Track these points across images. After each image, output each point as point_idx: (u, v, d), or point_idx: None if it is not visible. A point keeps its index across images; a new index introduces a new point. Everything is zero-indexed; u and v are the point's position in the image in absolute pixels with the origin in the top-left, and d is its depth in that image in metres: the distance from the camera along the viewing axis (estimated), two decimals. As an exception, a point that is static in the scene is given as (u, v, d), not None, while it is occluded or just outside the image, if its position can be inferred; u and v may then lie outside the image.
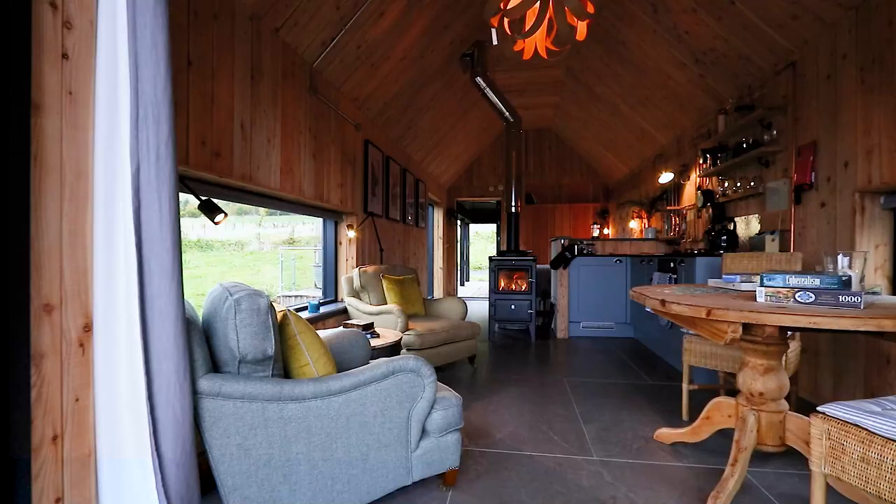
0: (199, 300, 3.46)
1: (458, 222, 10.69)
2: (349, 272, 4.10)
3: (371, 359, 2.43)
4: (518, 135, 5.35)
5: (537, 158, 8.94)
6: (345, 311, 3.80)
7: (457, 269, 9.66)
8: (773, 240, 3.09)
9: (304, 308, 3.47)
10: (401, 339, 2.92)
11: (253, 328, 1.36)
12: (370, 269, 3.79)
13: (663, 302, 1.69)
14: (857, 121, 2.51)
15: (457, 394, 1.74)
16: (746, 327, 1.49)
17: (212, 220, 1.98)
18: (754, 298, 1.72)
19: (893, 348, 2.25)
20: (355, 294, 3.79)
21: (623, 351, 4.33)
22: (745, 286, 2.05)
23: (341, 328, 2.82)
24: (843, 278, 1.48)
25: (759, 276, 2.01)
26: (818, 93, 2.83)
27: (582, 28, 2.81)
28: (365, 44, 3.52)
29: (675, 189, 5.28)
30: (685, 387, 2.53)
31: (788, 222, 3.07)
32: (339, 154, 3.82)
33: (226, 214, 2.02)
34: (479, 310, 7.34)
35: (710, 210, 4.04)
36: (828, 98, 2.74)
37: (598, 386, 3.20)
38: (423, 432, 1.65)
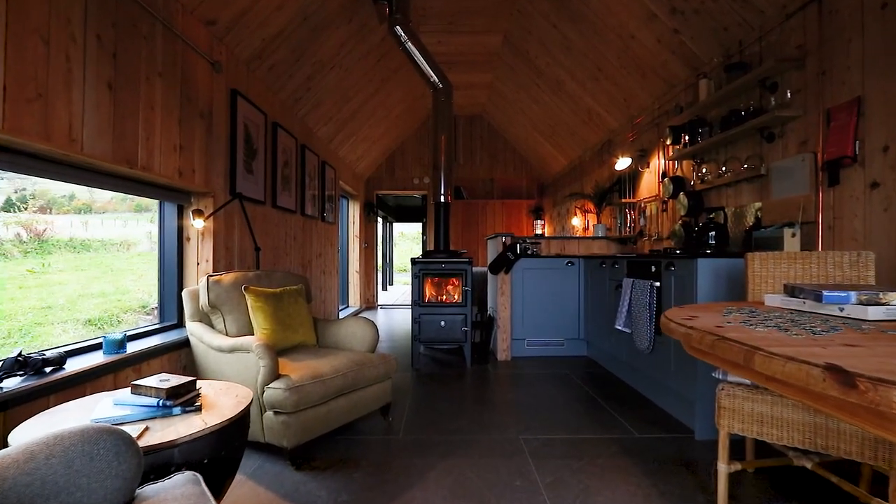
0: (41, 315, 2.28)
1: (380, 219, 9.42)
2: (198, 282, 2.72)
3: (150, 480, 1.16)
4: (448, 105, 4.26)
5: (467, 149, 7.97)
6: (188, 343, 2.43)
7: (377, 271, 8.38)
8: (793, 234, 2.29)
9: (97, 347, 2.05)
10: (247, 409, 1.61)
11: None
12: (227, 277, 2.46)
13: None
14: (943, 60, 1.73)
15: None
16: None
17: None
18: None
19: None
20: (203, 317, 2.44)
21: (581, 377, 3.40)
22: (878, 311, 1.11)
23: (94, 415, 1.48)
24: None
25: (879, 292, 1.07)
26: (864, 31, 2.06)
27: None
28: (212, -81, 2.20)
29: (631, 179, 4.52)
30: (723, 468, 1.57)
31: (812, 212, 2.29)
32: (176, 97, 2.43)
33: None
34: (404, 322, 6.17)
35: (687, 200, 3.25)
36: (883, 36, 1.97)
37: (570, 447, 2.18)
38: None
